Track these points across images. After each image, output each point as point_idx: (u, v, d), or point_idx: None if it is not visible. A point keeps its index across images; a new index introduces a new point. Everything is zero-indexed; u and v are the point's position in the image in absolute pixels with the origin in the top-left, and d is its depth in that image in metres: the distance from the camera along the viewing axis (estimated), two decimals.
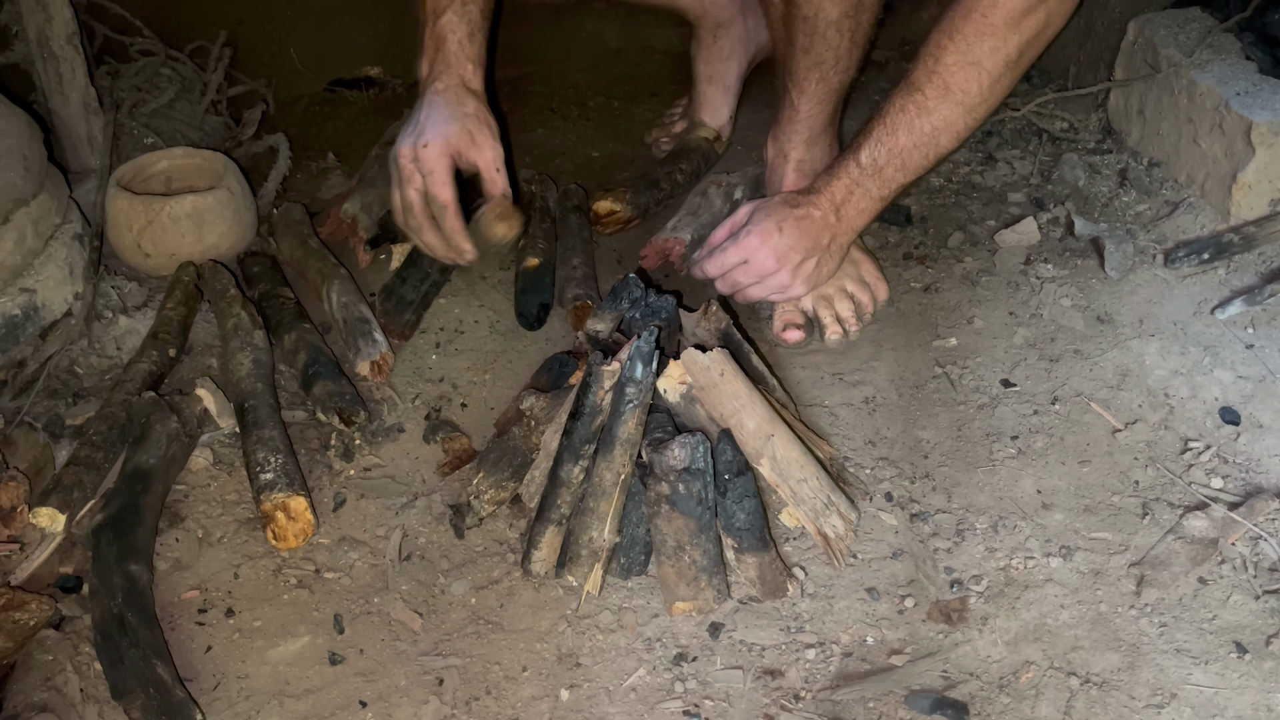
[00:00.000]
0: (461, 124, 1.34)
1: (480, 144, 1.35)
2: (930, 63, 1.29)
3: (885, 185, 1.34)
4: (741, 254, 1.36)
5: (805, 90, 1.44)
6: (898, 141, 1.31)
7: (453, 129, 1.33)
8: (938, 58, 1.28)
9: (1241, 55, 1.49)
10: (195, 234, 1.53)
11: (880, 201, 1.36)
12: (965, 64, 1.27)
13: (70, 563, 1.16)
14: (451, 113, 1.34)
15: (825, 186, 1.35)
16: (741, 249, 1.36)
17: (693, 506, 1.06)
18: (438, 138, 1.32)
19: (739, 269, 1.37)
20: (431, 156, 1.32)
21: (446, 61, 1.37)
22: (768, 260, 1.35)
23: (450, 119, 1.34)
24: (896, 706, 0.99)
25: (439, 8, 1.37)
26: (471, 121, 1.35)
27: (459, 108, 1.35)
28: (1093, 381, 1.30)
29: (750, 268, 1.36)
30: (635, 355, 1.06)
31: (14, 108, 1.46)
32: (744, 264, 1.36)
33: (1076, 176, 1.61)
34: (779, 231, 1.34)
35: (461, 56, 1.37)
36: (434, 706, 1.02)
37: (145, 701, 0.98)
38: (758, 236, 1.34)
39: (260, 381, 1.31)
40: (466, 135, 1.34)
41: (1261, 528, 1.08)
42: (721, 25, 1.72)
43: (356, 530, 1.20)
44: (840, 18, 1.36)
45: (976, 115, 1.32)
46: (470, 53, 1.38)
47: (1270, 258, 1.39)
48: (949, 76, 1.28)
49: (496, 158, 1.37)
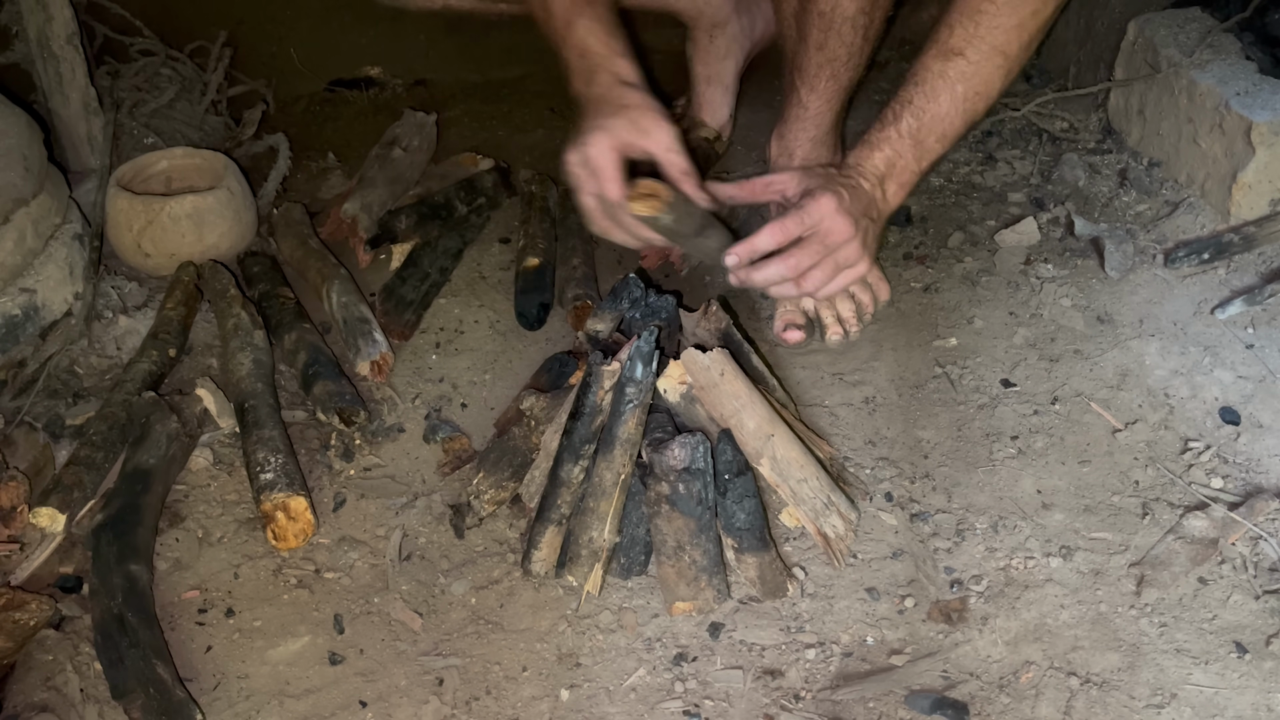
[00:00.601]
0: (624, 116, 1.25)
1: (648, 129, 1.25)
2: (970, 26, 1.23)
3: (924, 156, 1.27)
4: (811, 219, 1.20)
5: (816, 88, 1.43)
6: (940, 108, 1.25)
7: (616, 122, 1.24)
8: (977, 21, 1.23)
9: (1241, 55, 1.49)
10: (195, 234, 1.53)
11: (918, 175, 1.28)
12: (1009, 26, 1.22)
13: (70, 563, 1.16)
14: (612, 109, 1.26)
15: (865, 159, 1.27)
16: (809, 214, 1.20)
17: (693, 506, 1.06)
18: (600, 134, 1.23)
19: (806, 246, 1.21)
20: (595, 154, 1.23)
21: (596, 65, 1.30)
22: (843, 225, 1.20)
23: (611, 114, 1.25)
24: (896, 706, 0.99)
25: (569, 19, 1.31)
26: (635, 111, 1.25)
27: (618, 102, 1.26)
28: (1093, 381, 1.30)
29: (821, 238, 1.21)
30: (635, 355, 1.06)
31: (14, 108, 1.46)
32: (812, 237, 1.21)
33: (1076, 176, 1.61)
34: (844, 194, 1.21)
35: (610, 54, 1.30)
36: (434, 706, 1.02)
37: (145, 701, 0.98)
38: (828, 199, 1.20)
39: (260, 381, 1.31)
40: (632, 125, 1.24)
41: (1261, 528, 1.08)
42: (717, 25, 1.72)
43: (356, 530, 1.20)
44: (856, 13, 1.36)
45: (1010, 79, 1.27)
46: (616, 48, 1.30)
47: (1270, 258, 1.39)
48: (993, 39, 1.22)
49: (669, 139, 1.25)
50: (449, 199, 1.64)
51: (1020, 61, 1.26)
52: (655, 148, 1.25)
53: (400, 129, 1.75)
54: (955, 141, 1.28)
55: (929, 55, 1.25)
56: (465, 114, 1.96)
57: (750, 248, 1.21)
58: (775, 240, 1.21)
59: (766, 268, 1.22)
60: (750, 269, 1.22)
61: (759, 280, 1.23)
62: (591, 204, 1.27)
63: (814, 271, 1.22)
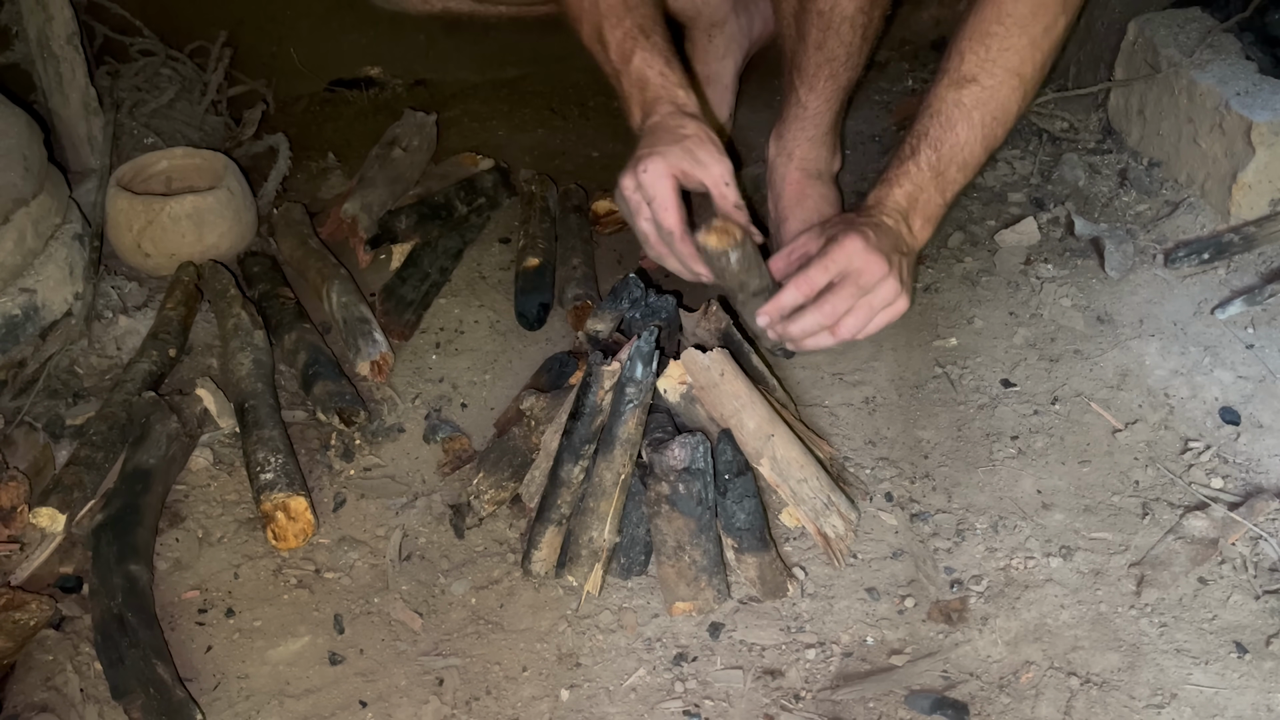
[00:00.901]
0: (681, 145, 1.24)
1: (704, 161, 1.23)
2: (981, 50, 1.20)
3: (947, 188, 1.23)
4: (838, 263, 1.14)
5: (814, 87, 1.43)
6: (958, 137, 1.21)
7: (673, 150, 1.23)
8: (988, 44, 1.20)
9: (1241, 55, 1.49)
10: (195, 234, 1.53)
11: (943, 208, 1.24)
12: (1021, 46, 1.19)
13: (70, 563, 1.16)
14: (670, 137, 1.25)
15: (886, 196, 1.22)
16: (835, 258, 1.14)
17: (693, 506, 1.06)
18: (657, 160, 1.22)
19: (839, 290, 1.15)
20: (652, 180, 1.21)
21: (655, 95, 1.28)
22: (875, 263, 1.14)
23: (670, 143, 1.24)
24: (896, 706, 0.99)
25: (626, 53, 1.29)
26: (692, 141, 1.24)
27: (677, 131, 1.25)
28: (1093, 381, 1.30)
29: (853, 280, 1.14)
30: (635, 355, 1.06)
31: (14, 108, 1.46)
32: (844, 281, 1.15)
33: (1076, 176, 1.61)
34: (871, 232, 1.16)
35: (668, 85, 1.28)
36: (434, 706, 1.02)
37: (145, 701, 0.98)
38: (853, 239, 1.14)
39: (260, 381, 1.31)
40: (688, 155, 1.23)
41: (1261, 528, 1.08)
42: (715, 25, 1.72)
43: (356, 530, 1.20)
44: (855, 13, 1.35)
45: (1027, 102, 1.23)
46: (674, 79, 1.29)
47: (1270, 258, 1.39)
48: (1006, 61, 1.20)
49: (724, 173, 1.24)
50: (449, 199, 1.64)
51: (1036, 82, 1.24)
52: (710, 180, 1.24)
53: (400, 129, 1.75)
54: (978, 170, 1.25)
55: (941, 85, 1.23)
56: (465, 114, 1.96)
57: (778, 306, 1.17)
58: (802, 293, 1.16)
59: (801, 319, 1.16)
60: (784, 324, 1.17)
61: (795, 333, 1.18)
62: (647, 229, 1.25)
63: (849, 318, 1.16)
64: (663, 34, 1.31)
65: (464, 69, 2.04)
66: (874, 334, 1.21)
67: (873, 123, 1.84)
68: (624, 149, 1.84)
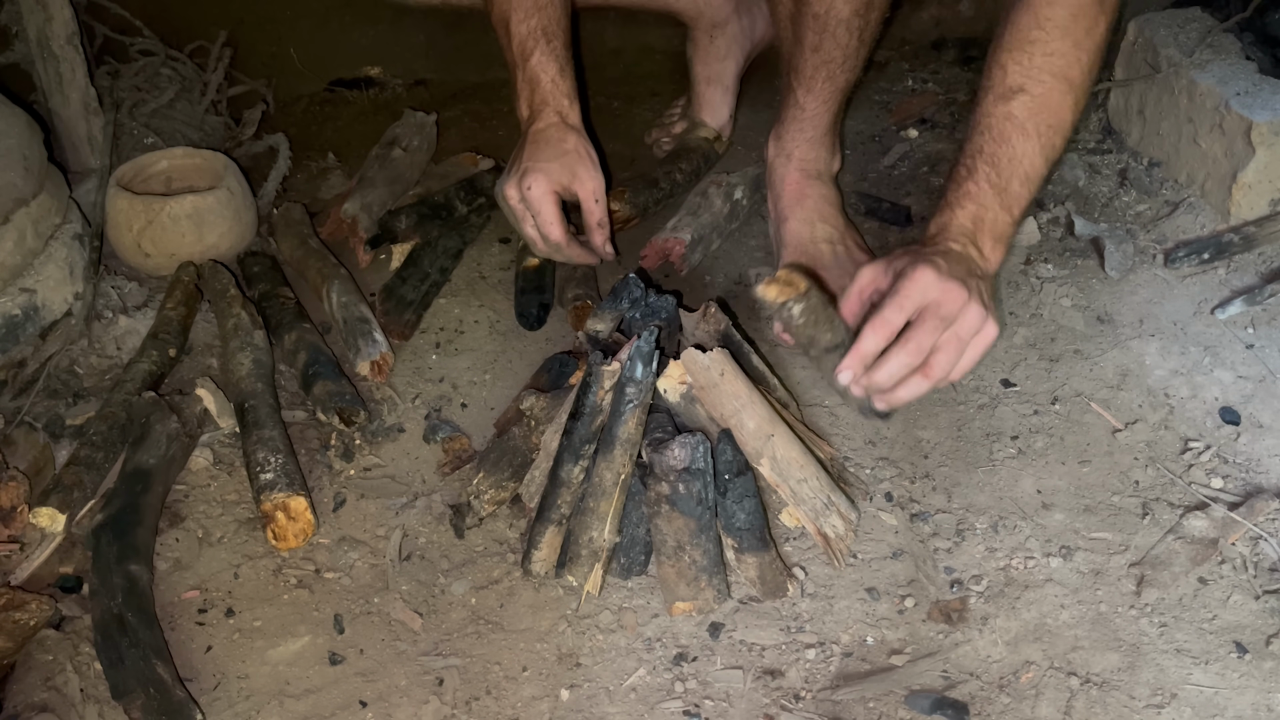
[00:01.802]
0: (562, 160, 1.39)
1: (581, 177, 1.40)
2: (1024, 59, 1.16)
3: (1014, 204, 1.16)
4: (913, 298, 1.05)
5: (812, 89, 1.43)
6: (1014, 150, 1.15)
7: (553, 166, 1.38)
8: (1030, 51, 1.16)
9: (1241, 55, 1.49)
10: (195, 234, 1.53)
11: (1013, 225, 1.16)
12: (1065, 50, 1.16)
13: (70, 563, 1.16)
14: (552, 151, 1.39)
15: (950, 221, 1.15)
16: (908, 294, 1.05)
17: (693, 506, 1.06)
18: (540, 177, 1.37)
19: (922, 325, 1.05)
20: (536, 197, 1.38)
21: (543, 100, 1.41)
22: (953, 290, 1.05)
23: (551, 157, 1.39)
24: (896, 706, 0.99)
25: (526, 50, 1.41)
26: (571, 156, 1.39)
27: (559, 145, 1.39)
28: (1093, 381, 1.30)
29: (934, 312, 1.05)
30: (635, 355, 1.06)
31: (14, 108, 1.46)
32: (924, 315, 1.05)
33: (1076, 176, 1.61)
34: (941, 260, 1.08)
35: (557, 93, 1.41)
36: (434, 706, 1.02)
37: (145, 701, 0.98)
38: (925, 269, 1.06)
39: (260, 381, 1.31)
40: (568, 171, 1.39)
41: (1261, 528, 1.08)
42: (717, 25, 1.72)
43: (356, 530, 1.20)
44: (851, 16, 1.35)
45: (1080, 106, 1.19)
46: (564, 88, 1.42)
47: (1270, 258, 1.39)
48: (1052, 66, 1.16)
49: (596, 189, 1.41)
50: (449, 199, 1.64)
51: (1085, 88, 1.18)
52: (583, 194, 1.40)
53: (400, 129, 1.75)
54: (1042, 183, 1.18)
55: (987, 101, 1.18)
56: (465, 114, 1.96)
57: (859, 356, 1.06)
58: (882, 336, 1.06)
59: (886, 365, 1.05)
60: (869, 375, 1.06)
61: (882, 381, 1.06)
62: (534, 235, 1.43)
63: (939, 355, 1.06)
64: (564, 41, 1.43)
65: (464, 69, 2.04)
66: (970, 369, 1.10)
67: (873, 123, 1.84)
68: (624, 149, 1.86)
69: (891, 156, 1.75)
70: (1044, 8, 1.17)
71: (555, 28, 1.42)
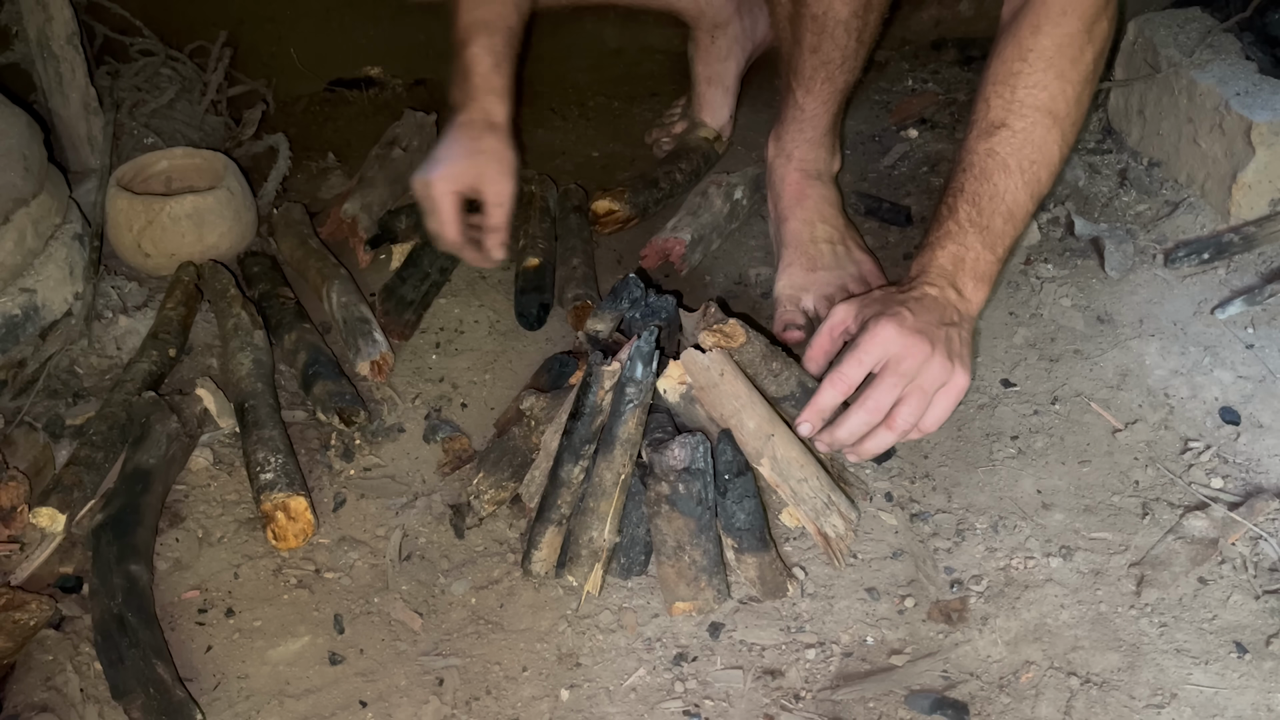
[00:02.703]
0: (473, 160, 1.38)
1: (488, 179, 1.38)
2: (1006, 93, 1.15)
3: (997, 242, 1.15)
4: (875, 352, 1.07)
5: (811, 90, 1.43)
6: (996, 187, 1.15)
7: (462, 166, 1.38)
8: (1013, 85, 1.15)
9: (1241, 55, 1.49)
10: (195, 234, 1.53)
11: (997, 264, 1.16)
12: (1048, 82, 1.14)
13: (70, 563, 1.16)
14: (466, 149, 1.38)
15: (929, 262, 1.14)
16: (867, 349, 1.07)
17: (692, 506, 1.06)
18: (445, 177, 1.37)
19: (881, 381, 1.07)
20: (436, 195, 1.37)
21: (472, 94, 1.40)
22: (914, 345, 1.06)
23: (464, 155, 1.38)
24: (896, 706, 0.99)
25: (466, 38, 1.40)
26: (484, 158, 1.38)
27: (475, 144, 1.39)
28: (1093, 381, 1.30)
29: (894, 368, 1.07)
30: (635, 355, 1.06)
31: (14, 108, 1.46)
32: (885, 369, 1.07)
33: (1076, 176, 1.61)
34: (907, 312, 1.09)
35: (485, 89, 1.40)
36: (434, 706, 1.02)
37: (145, 701, 0.98)
38: (886, 324, 1.07)
39: (260, 381, 1.31)
40: (475, 172, 1.38)
41: (1261, 528, 1.08)
42: (719, 26, 1.72)
43: (356, 530, 1.20)
44: (849, 17, 1.35)
45: (1068, 139, 1.17)
46: (495, 84, 1.40)
47: (1270, 257, 1.39)
48: (1034, 100, 1.14)
49: (501, 193, 1.39)
50: None
51: (1074, 120, 1.17)
52: (487, 197, 1.39)
53: (400, 129, 1.75)
54: (1028, 219, 1.18)
55: (971, 137, 1.17)
56: None
57: (816, 410, 1.09)
58: (839, 391, 1.09)
59: (846, 421, 1.08)
60: (830, 431, 1.09)
61: (843, 438, 1.09)
62: (436, 230, 1.41)
63: (902, 408, 1.07)
64: (506, 38, 1.41)
65: None
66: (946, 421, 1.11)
67: (873, 123, 1.84)
68: (624, 149, 1.86)
69: (891, 156, 1.75)
70: (1028, 38, 1.16)
71: (499, 23, 1.41)
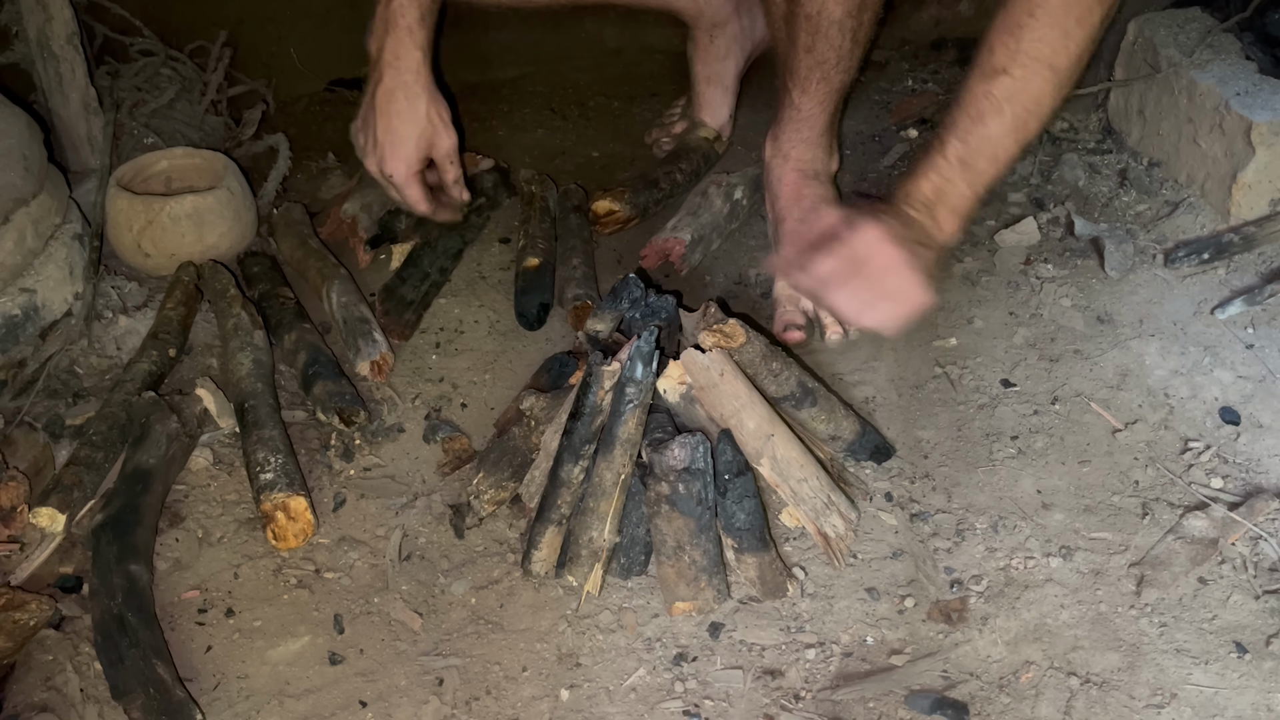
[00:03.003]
0: (419, 128, 1.41)
1: (437, 143, 1.44)
2: (1011, 42, 1.18)
3: (977, 181, 1.20)
4: (858, 250, 1.14)
5: (807, 90, 1.43)
6: (987, 130, 1.19)
7: (410, 142, 1.41)
8: (1018, 36, 1.18)
9: (1241, 55, 1.49)
10: (195, 234, 1.53)
11: (972, 201, 1.21)
12: (1053, 37, 1.17)
13: (70, 563, 1.16)
14: (406, 119, 1.41)
15: (912, 189, 1.20)
16: (856, 244, 1.14)
17: (692, 507, 1.06)
18: (399, 161, 1.41)
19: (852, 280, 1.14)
20: (400, 183, 1.43)
21: (395, 50, 1.39)
22: (892, 254, 1.14)
23: (406, 127, 1.41)
24: (896, 706, 0.99)
25: None
26: (425, 124, 1.42)
27: (412, 112, 1.41)
28: (1093, 381, 1.30)
29: (870, 266, 1.14)
30: (635, 355, 1.06)
31: (14, 108, 1.46)
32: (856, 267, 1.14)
33: (1076, 176, 1.61)
34: (893, 221, 1.16)
35: (409, 44, 1.39)
36: (434, 706, 1.02)
37: (145, 701, 0.98)
38: (872, 225, 1.14)
39: (260, 381, 1.31)
40: (425, 141, 1.42)
41: (1261, 528, 1.08)
42: (718, 25, 1.72)
43: (356, 530, 1.20)
44: (844, 16, 1.35)
45: (1062, 93, 1.20)
46: (419, 38, 1.40)
47: (1270, 257, 1.39)
48: (1037, 51, 1.18)
49: (450, 150, 1.45)
50: None
51: (1071, 74, 1.20)
52: (438, 157, 1.45)
53: None
54: (1011, 163, 1.22)
55: (972, 79, 1.20)
56: (464, 114, 1.94)
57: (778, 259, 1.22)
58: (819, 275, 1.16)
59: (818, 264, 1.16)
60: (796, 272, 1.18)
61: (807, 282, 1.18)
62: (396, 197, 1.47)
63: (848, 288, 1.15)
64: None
65: (463, 69, 2.03)
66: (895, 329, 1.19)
67: (872, 123, 1.84)
68: (624, 149, 1.86)
69: (891, 156, 1.75)
70: None
71: None
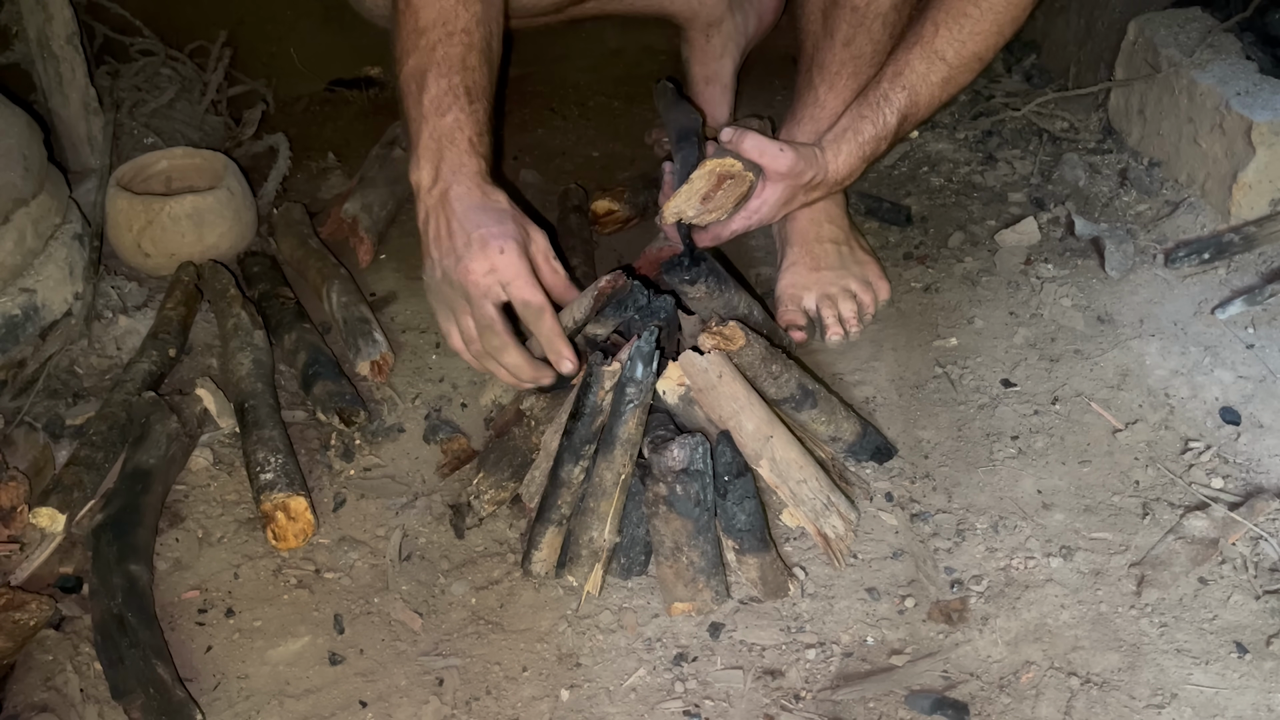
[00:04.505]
0: (515, 222, 1.18)
1: (533, 235, 1.20)
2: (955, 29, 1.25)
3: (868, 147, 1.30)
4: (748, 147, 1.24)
5: (835, 85, 1.41)
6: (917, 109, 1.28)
7: (510, 228, 1.16)
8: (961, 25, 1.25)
9: (1242, 55, 1.49)
10: (195, 234, 1.53)
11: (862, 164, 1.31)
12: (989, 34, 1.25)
13: (70, 563, 1.16)
14: (496, 214, 1.17)
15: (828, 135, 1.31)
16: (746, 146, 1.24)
17: (690, 508, 1.06)
18: (509, 241, 1.14)
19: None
20: (512, 263, 1.14)
21: (459, 161, 1.18)
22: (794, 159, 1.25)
23: (500, 219, 1.16)
24: (897, 706, 0.99)
25: (442, 107, 1.20)
26: (516, 214, 1.19)
27: (494, 205, 1.18)
28: (1093, 381, 1.30)
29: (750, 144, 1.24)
30: (635, 355, 1.06)
31: (14, 108, 1.46)
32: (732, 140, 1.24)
33: (1077, 176, 1.61)
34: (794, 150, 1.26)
35: (473, 155, 1.19)
36: (434, 706, 1.02)
37: (145, 701, 0.98)
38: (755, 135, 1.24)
39: (260, 381, 1.31)
40: (524, 231, 1.19)
41: (1262, 528, 1.08)
42: (713, 24, 1.72)
43: (356, 530, 1.20)
44: (889, 9, 1.35)
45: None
46: (482, 150, 1.21)
47: (1270, 257, 1.39)
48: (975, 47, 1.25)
49: (548, 247, 1.21)
50: None
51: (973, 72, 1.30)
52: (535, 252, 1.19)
53: (400, 129, 1.75)
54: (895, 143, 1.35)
55: (913, 52, 1.27)
56: None
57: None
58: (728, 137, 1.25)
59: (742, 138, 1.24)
60: None
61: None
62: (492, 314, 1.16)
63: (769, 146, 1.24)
64: (486, 106, 1.23)
65: None
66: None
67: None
68: (624, 149, 1.86)
69: (891, 156, 1.75)
70: None
71: (479, 91, 1.22)
